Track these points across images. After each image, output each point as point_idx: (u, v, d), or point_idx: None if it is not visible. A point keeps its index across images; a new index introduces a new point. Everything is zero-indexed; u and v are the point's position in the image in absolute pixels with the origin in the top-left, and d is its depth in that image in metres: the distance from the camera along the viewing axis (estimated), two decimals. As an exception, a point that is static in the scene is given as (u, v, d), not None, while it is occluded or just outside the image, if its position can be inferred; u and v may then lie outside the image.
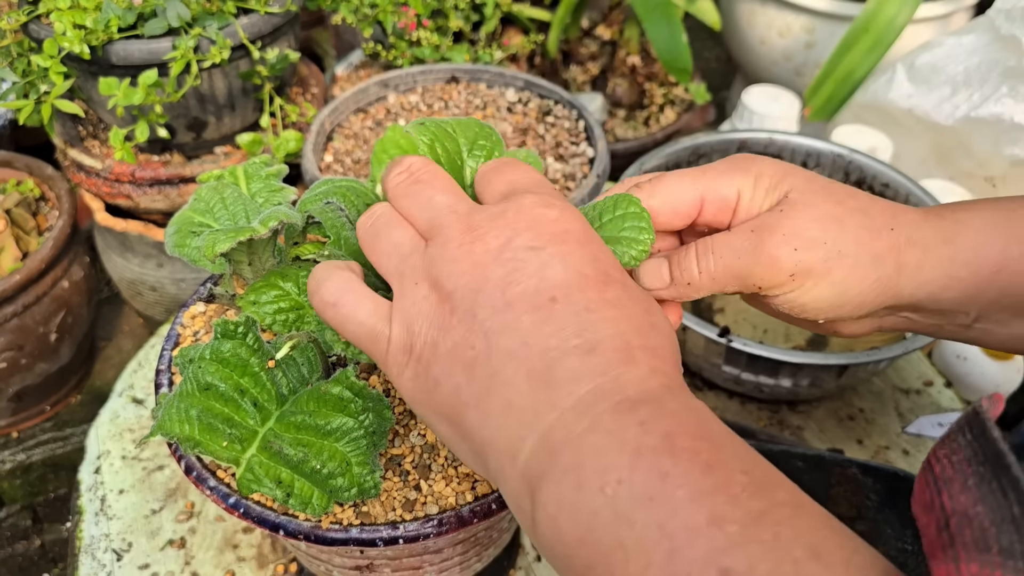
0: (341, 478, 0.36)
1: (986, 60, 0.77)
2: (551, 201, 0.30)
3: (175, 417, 0.35)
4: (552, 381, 0.26)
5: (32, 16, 0.67)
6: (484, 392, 0.27)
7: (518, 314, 0.28)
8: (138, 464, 0.63)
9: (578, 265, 0.29)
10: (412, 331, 0.30)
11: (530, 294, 0.28)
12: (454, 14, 0.84)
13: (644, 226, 0.34)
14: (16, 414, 0.77)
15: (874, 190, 0.68)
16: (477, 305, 0.28)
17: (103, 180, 0.75)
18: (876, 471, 0.54)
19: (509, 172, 0.33)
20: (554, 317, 0.27)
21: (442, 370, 0.29)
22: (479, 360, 0.28)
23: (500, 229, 0.29)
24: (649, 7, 0.82)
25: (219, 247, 0.36)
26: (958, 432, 0.23)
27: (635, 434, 0.25)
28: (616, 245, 0.33)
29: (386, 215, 0.33)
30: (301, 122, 0.80)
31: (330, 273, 0.32)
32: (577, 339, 0.27)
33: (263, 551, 0.57)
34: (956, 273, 0.37)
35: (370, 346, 0.31)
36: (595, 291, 0.28)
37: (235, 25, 0.68)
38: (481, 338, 0.28)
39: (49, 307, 0.72)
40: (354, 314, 0.31)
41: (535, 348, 0.27)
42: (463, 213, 0.30)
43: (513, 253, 0.29)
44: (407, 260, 0.31)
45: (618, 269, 0.30)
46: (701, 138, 0.70)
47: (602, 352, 0.27)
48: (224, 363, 0.37)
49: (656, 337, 0.28)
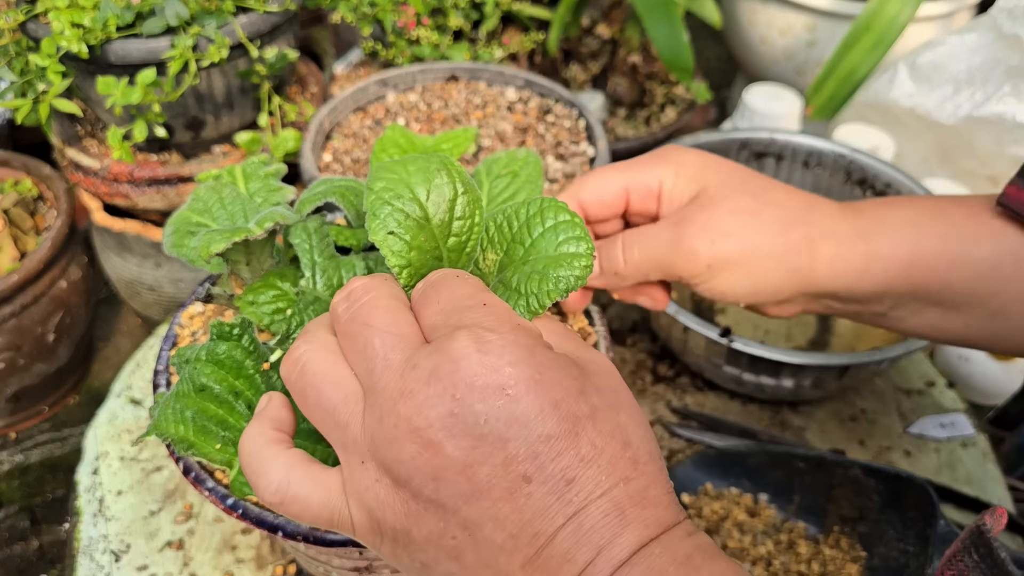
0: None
1: (988, 59, 0.76)
2: (486, 338, 0.26)
3: (170, 418, 0.35)
4: (547, 568, 0.25)
5: (30, 15, 0.67)
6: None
7: (493, 502, 0.25)
8: (136, 465, 0.63)
9: (539, 421, 0.25)
10: (375, 517, 0.27)
11: (498, 476, 0.25)
12: (454, 12, 0.84)
13: (580, 235, 0.31)
14: (14, 415, 0.76)
15: (876, 189, 0.68)
16: (440, 495, 0.26)
17: (101, 179, 0.74)
18: (878, 472, 0.54)
19: (435, 297, 0.29)
20: (533, 502, 0.25)
21: (427, 556, 0.27)
22: (465, 549, 0.26)
23: (437, 396, 0.25)
24: (650, 6, 0.82)
25: (214, 247, 0.35)
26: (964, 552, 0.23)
27: None
28: (556, 268, 0.30)
29: (312, 365, 0.29)
30: (300, 121, 0.79)
31: (263, 465, 0.29)
32: (563, 518, 0.25)
33: (262, 552, 0.56)
34: (870, 268, 0.38)
35: (334, 529, 0.29)
36: (569, 452, 0.25)
37: (233, 24, 0.68)
38: (460, 530, 0.26)
39: (47, 307, 0.72)
40: (305, 510, 0.29)
41: (523, 539, 0.25)
42: (396, 368, 0.27)
43: (461, 426, 0.25)
44: (346, 432, 0.28)
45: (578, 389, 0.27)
46: (702, 137, 0.70)
47: (591, 525, 0.25)
48: (219, 365, 0.37)
49: (640, 476, 0.27)
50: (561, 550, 0.25)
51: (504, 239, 0.33)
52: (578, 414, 0.26)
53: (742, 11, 1.03)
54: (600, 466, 0.26)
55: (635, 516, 0.26)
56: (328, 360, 0.29)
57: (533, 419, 0.25)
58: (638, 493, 0.26)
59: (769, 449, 0.58)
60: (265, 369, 0.38)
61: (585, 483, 0.25)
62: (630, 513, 0.25)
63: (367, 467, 0.27)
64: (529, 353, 0.26)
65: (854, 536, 0.55)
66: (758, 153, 0.71)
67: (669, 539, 0.26)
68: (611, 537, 0.25)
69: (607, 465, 0.26)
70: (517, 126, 0.72)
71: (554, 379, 0.26)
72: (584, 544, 0.25)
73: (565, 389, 0.26)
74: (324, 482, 0.29)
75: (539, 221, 0.32)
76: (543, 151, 0.69)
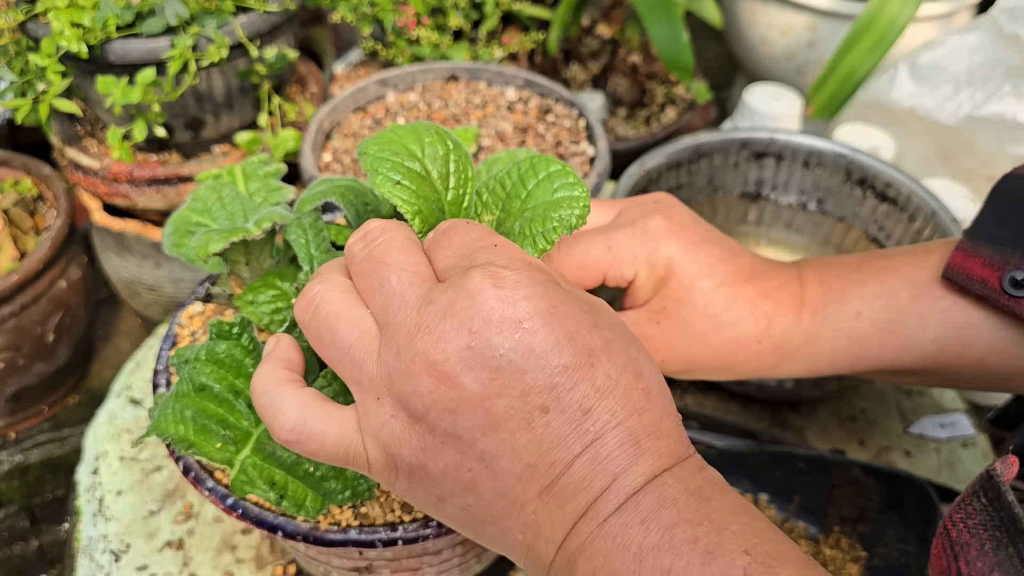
0: (334, 480, 0.35)
1: (989, 59, 0.76)
2: (500, 274, 0.26)
3: (170, 418, 0.35)
4: (563, 496, 0.26)
5: (30, 15, 0.67)
6: (499, 513, 0.27)
7: (511, 433, 0.26)
8: (136, 465, 0.63)
9: (556, 352, 0.26)
10: (391, 453, 0.28)
11: (516, 407, 0.26)
12: (454, 12, 0.83)
13: (573, 181, 0.32)
14: (13, 415, 0.76)
15: (876, 189, 0.68)
16: (457, 427, 0.26)
17: (101, 179, 0.74)
18: (878, 472, 0.54)
19: (446, 243, 0.30)
20: (551, 431, 0.26)
21: (443, 490, 0.27)
22: (482, 481, 0.27)
23: (454, 330, 0.26)
24: (650, 5, 0.82)
25: (212, 247, 0.35)
26: (973, 496, 0.23)
27: (637, 534, 0.25)
28: (555, 210, 0.31)
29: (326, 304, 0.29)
30: (300, 121, 0.79)
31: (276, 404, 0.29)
32: (580, 446, 0.26)
33: (262, 552, 0.56)
34: (816, 366, 0.42)
35: (349, 466, 0.30)
36: (585, 382, 0.26)
37: (233, 24, 0.68)
38: (477, 462, 0.26)
39: (47, 307, 0.72)
40: (321, 447, 0.29)
41: (540, 468, 0.26)
42: (413, 304, 0.27)
43: (479, 359, 0.25)
44: (362, 369, 0.28)
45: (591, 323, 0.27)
46: (702, 137, 0.70)
47: (607, 454, 0.26)
48: (219, 364, 0.37)
49: (653, 408, 0.27)
50: (577, 478, 0.26)
51: (499, 199, 0.33)
52: (592, 346, 0.26)
53: (742, 11, 1.03)
54: (615, 397, 0.26)
55: (649, 446, 0.26)
56: (342, 299, 0.29)
57: (549, 351, 0.26)
58: (652, 424, 0.27)
59: (769, 449, 0.58)
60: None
61: (601, 413, 0.26)
62: (644, 443, 0.26)
63: (383, 403, 0.27)
64: (543, 288, 0.27)
65: (854, 536, 0.55)
66: (758, 153, 0.71)
67: (681, 471, 0.26)
68: (626, 465, 0.26)
69: (622, 396, 0.26)
70: (517, 126, 0.72)
71: (568, 312, 0.27)
72: (600, 472, 0.26)
73: (578, 322, 0.27)
74: (339, 419, 0.29)
75: (532, 175, 0.33)
76: (543, 151, 0.69)
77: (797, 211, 0.72)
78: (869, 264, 0.42)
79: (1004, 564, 0.20)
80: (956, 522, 0.23)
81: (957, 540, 0.22)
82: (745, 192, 0.73)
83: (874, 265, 0.42)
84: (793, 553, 0.25)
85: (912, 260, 0.41)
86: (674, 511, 0.25)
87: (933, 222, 0.63)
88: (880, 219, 0.68)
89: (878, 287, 0.40)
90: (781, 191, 0.72)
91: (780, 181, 0.72)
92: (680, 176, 0.70)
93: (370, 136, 0.34)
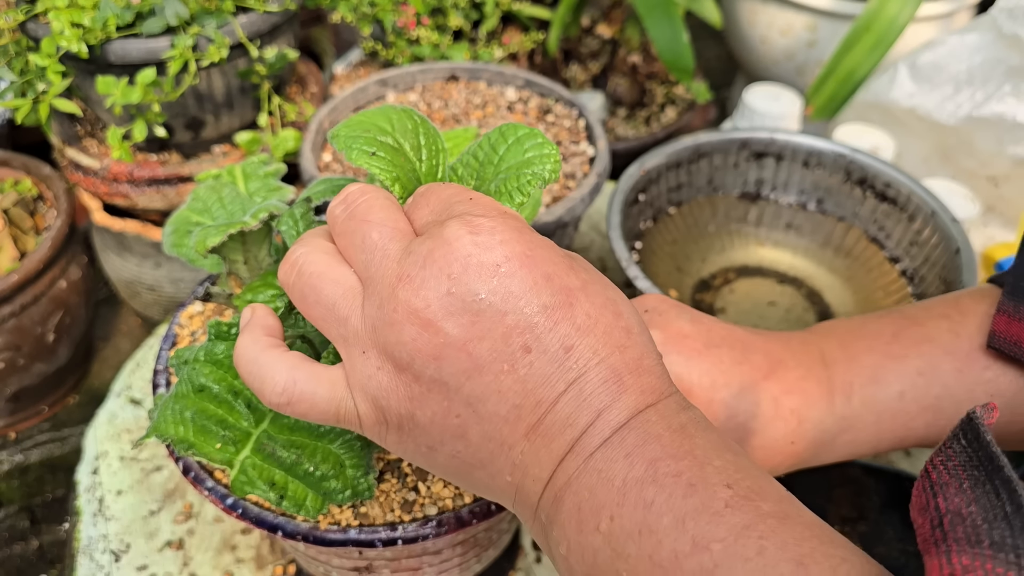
0: (335, 480, 0.35)
1: (989, 59, 0.76)
2: (476, 222, 0.27)
3: (170, 419, 0.35)
4: (549, 434, 0.26)
5: (30, 15, 0.67)
6: (488, 457, 0.27)
7: (495, 376, 0.26)
8: (136, 465, 0.63)
9: (535, 293, 0.26)
10: (379, 406, 0.28)
11: (499, 349, 0.26)
12: (454, 12, 0.83)
13: (542, 141, 0.33)
14: (13, 415, 0.76)
15: (876, 189, 0.68)
16: (442, 373, 0.26)
17: (101, 179, 0.74)
18: (878, 472, 0.54)
19: (423, 201, 0.30)
20: (535, 371, 0.26)
21: (432, 439, 0.28)
22: (469, 426, 0.27)
23: (434, 278, 0.26)
24: (650, 5, 0.82)
25: (210, 241, 0.35)
26: (953, 439, 0.23)
27: (621, 468, 0.25)
28: (528, 167, 0.32)
29: (309, 266, 0.29)
30: (300, 121, 0.79)
31: (264, 369, 0.29)
32: (563, 384, 0.26)
33: (262, 552, 0.56)
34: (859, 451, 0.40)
35: (341, 424, 0.30)
36: (565, 321, 0.26)
37: (233, 24, 0.68)
38: (464, 407, 0.26)
39: (47, 307, 0.72)
40: (312, 407, 0.29)
41: (525, 408, 0.26)
42: (394, 257, 0.27)
43: (459, 304, 0.26)
44: (347, 325, 0.28)
45: (568, 266, 0.28)
46: (702, 137, 0.70)
47: (591, 391, 0.26)
48: (218, 364, 0.37)
49: (634, 345, 0.27)
50: (563, 415, 0.26)
51: (472, 170, 0.34)
52: (570, 286, 0.27)
53: (742, 11, 1.03)
54: (596, 335, 0.26)
55: (632, 383, 0.26)
56: (325, 260, 0.29)
57: (528, 291, 0.26)
58: (633, 361, 0.27)
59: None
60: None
61: (583, 351, 0.26)
62: (627, 380, 0.26)
63: (368, 356, 0.28)
64: (519, 233, 0.27)
65: (854, 536, 0.55)
66: (758, 153, 0.71)
67: (664, 407, 0.27)
68: (609, 402, 0.26)
69: (602, 334, 0.27)
70: (517, 126, 0.72)
71: (544, 255, 0.27)
72: (584, 408, 0.26)
73: (555, 264, 0.27)
74: (328, 378, 0.29)
75: (502, 141, 0.33)
76: (543, 151, 0.69)
77: (797, 211, 0.72)
78: (903, 334, 0.39)
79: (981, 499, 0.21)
80: (936, 464, 0.23)
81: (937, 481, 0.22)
82: (745, 192, 0.73)
83: (909, 335, 0.39)
84: (774, 489, 0.25)
85: (949, 326, 0.39)
86: (657, 446, 0.25)
87: (933, 222, 0.63)
88: (880, 219, 0.68)
89: (919, 362, 0.38)
90: (781, 191, 0.72)
91: (780, 181, 0.72)
92: (680, 176, 0.70)
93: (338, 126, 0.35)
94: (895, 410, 0.38)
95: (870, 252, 0.68)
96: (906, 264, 0.66)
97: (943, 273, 0.61)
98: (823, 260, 0.70)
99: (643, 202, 0.67)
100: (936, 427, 0.38)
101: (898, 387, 0.38)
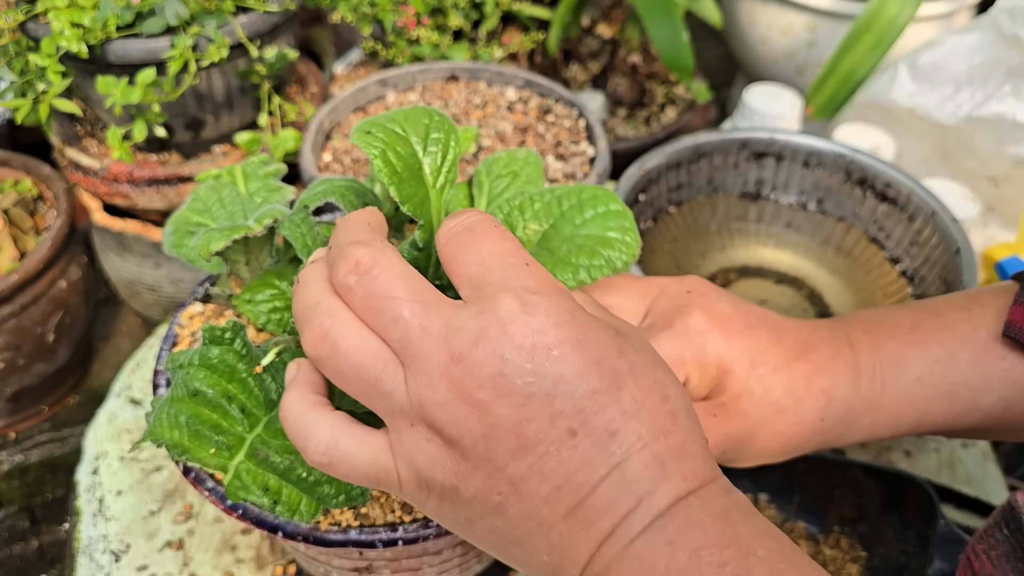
0: (328, 485, 0.35)
1: (989, 59, 0.76)
2: (531, 301, 0.27)
3: (165, 423, 0.35)
4: (588, 518, 0.26)
5: (30, 15, 0.67)
6: (525, 535, 0.27)
7: (540, 457, 0.26)
8: (136, 465, 0.63)
9: (584, 378, 0.26)
10: (423, 476, 0.28)
11: (545, 432, 0.26)
12: (454, 12, 0.83)
13: (629, 226, 0.33)
14: (13, 415, 0.76)
15: (876, 189, 0.68)
16: (490, 451, 0.26)
17: (101, 179, 0.74)
18: (878, 472, 0.54)
19: (475, 247, 0.30)
20: (578, 454, 0.26)
21: (472, 512, 0.28)
22: (510, 504, 0.27)
23: (487, 358, 0.26)
24: (650, 5, 0.82)
25: (214, 245, 0.35)
26: (995, 527, 0.23)
27: (664, 556, 0.25)
28: (606, 248, 0.33)
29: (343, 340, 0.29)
30: (300, 121, 0.79)
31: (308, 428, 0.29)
32: (605, 468, 0.26)
33: (262, 553, 0.56)
34: (878, 433, 0.41)
35: (379, 488, 0.30)
36: (612, 405, 0.26)
37: (233, 24, 0.68)
38: (506, 485, 0.27)
39: (47, 307, 0.72)
40: (353, 469, 0.29)
41: (567, 490, 0.26)
42: (437, 335, 0.27)
43: (511, 386, 0.26)
44: (392, 399, 0.28)
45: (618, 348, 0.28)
46: (702, 137, 0.70)
47: (633, 476, 0.26)
48: (212, 369, 0.37)
49: (679, 430, 0.27)
50: (603, 500, 0.26)
51: (551, 214, 0.35)
52: (619, 370, 0.27)
53: (742, 11, 1.03)
54: (641, 419, 0.27)
55: (675, 469, 0.26)
56: (356, 332, 0.29)
57: (578, 376, 0.26)
58: (677, 446, 0.27)
59: (769, 449, 0.58)
60: (257, 372, 0.38)
61: (627, 435, 0.26)
62: (670, 465, 0.26)
63: (417, 429, 0.28)
64: (571, 315, 0.27)
65: (854, 536, 0.55)
66: (758, 153, 0.71)
67: (706, 493, 0.27)
68: (651, 488, 0.26)
69: (648, 419, 0.27)
70: (517, 126, 0.72)
71: (596, 339, 0.27)
72: (625, 494, 0.26)
73: (606, 347, 0.27)
74: (370, 443, 0.29)
75: (592, 205, 0.34)
76: (543, 151, 0.69)
77: (797, 211, 0.72)
78: (924, 324, 0.41)
79: None
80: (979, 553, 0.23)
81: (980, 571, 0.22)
82: (745, 192, 0.73)
83: (929, 325, 0.41)
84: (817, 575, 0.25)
85: (968, 317, 0.40)
86: (700, 534, 0.25)
87: (933, 222, 0.63)
88: (880, 219, 0.68)
89: (937, 350, 0.40)
90: (781, 191, 0.72)
91: (780, 181, 0.72)
92: (680, 176, 0.70)
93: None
94: (914, 395, 0.39)
95: (870, 252, 0.68)
96: (906, 264, 0.66)
97: (943, 273, 0.61)
98: (823, 260, 0.70)
99: (643, 202, 0.67)
100: (951, 413, 0.39)
101: (917, 372, 0.39)
